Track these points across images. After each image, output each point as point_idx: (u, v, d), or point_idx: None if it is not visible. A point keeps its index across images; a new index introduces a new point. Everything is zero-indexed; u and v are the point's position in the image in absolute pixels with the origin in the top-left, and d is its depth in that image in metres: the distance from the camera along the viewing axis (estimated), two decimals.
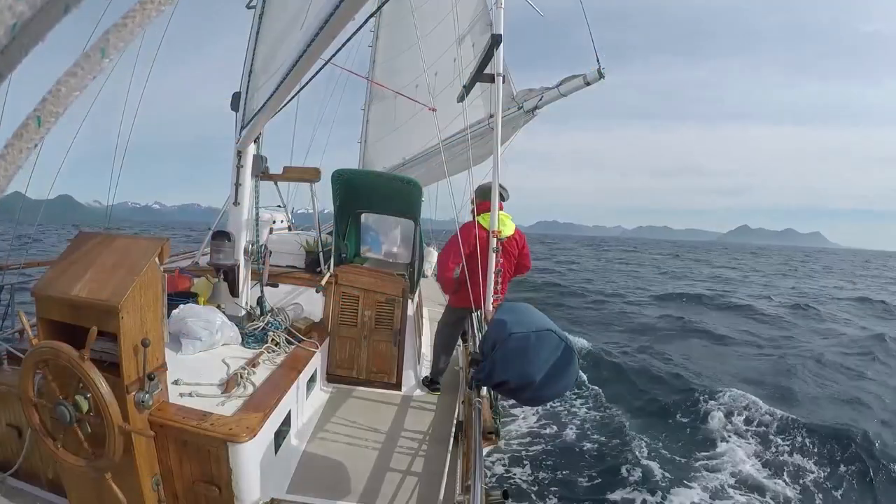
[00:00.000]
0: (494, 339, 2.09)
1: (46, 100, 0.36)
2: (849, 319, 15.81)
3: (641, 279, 26.80)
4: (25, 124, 0.36)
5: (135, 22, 0.38)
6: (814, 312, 16.67)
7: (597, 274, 28.91)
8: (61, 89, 0.36)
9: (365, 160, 9.33)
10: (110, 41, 0.37)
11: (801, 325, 14.37)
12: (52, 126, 0.37)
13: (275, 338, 3.06)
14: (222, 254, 3.39)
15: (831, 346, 11.55)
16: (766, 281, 29.81)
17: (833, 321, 15.30)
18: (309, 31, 1.52)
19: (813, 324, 14.69)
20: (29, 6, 0.32)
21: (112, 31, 0.37)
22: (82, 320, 1.78)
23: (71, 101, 0.37)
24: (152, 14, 0.39)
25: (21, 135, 0.36)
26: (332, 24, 1.34)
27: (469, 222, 3.44)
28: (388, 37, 8.55)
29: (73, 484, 2.06)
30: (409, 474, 2.59)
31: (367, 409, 3.28)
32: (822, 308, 17.62)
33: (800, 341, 12.06)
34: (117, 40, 0.37)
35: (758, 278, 31.55)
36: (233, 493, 2.05)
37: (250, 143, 3.33)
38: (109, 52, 0.37)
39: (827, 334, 13.19)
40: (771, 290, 23.31)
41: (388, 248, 4.87)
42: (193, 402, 2.20)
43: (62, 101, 0.37)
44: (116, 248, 1.91)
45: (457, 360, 4.10)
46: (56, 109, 0.37)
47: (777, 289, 24.57)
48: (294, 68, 1.78)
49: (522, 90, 5.26)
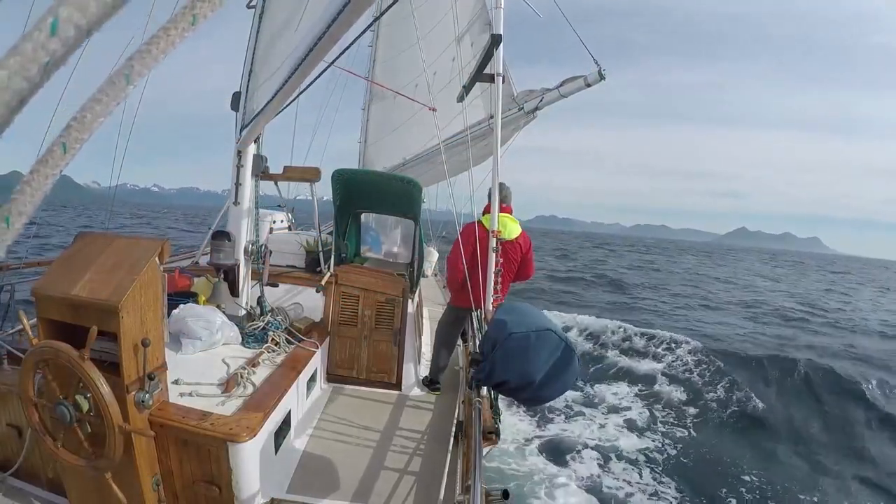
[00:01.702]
0: (494, 339, 2.09)
1: (71, 126, 0.36)
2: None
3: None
4: (51, 151, 0.36)
5: (159, 48, 0.38)
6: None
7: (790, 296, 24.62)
8: (86, 116, 0.37)
9: (365, 160, 9.33)
10: (135, 68, 0.37)
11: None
12: (76, 152, 0.37)
13: (275, 337, 3.06)
14: (222, 253, 3.38)
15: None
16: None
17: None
18: (312, 34, 1.52)
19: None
20: (62, 45, 0.33)
21: (136, 57, 0.38)
22: (82, 320, 1.78)
23: (96, 127, 0.37)
24: (176, 40, 0.39)
25: (46, 161, 0.36)
26: (335, 27, 1.35)
27: (470, 223, 3.44)
28: (388, 36, 8.55)
29: (73, 484, 2.06)
30: (409, 474, 2.59)
31: (367, 408, 3.28)
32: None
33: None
34: (142, 67, 0.37)
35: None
36: (233, 493, 2.05)
37: (251, 142, 3.32)
38: (134, 78, 0.37)
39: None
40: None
41: (388, 248, 4.87)
42: (193, 402, 2.20)
43: (87, 127, 0.37)
44: (116, 248, 1.91)
45: (457, 360, 4.10)
46: (81, 136, 0.37)
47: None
48: (296, 71, 1.78)
49: (523, 91, 5.26)
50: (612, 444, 6.85)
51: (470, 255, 3.15)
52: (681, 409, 8.39)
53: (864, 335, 15.32)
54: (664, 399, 8.72)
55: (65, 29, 0.33)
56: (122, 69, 0.37)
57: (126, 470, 1.87)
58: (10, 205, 0.35)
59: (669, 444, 7.00)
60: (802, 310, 19.53)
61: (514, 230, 3.44)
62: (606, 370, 10.06)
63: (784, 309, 19.29)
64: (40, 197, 0.36)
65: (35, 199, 0.36)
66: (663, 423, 7.79)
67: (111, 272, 1.82)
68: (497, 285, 3.17)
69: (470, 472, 1.79)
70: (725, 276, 34.94)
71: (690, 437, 7.36)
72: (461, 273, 3.28)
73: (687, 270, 36.94)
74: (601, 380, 9.53)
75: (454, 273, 3.43)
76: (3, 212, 0.35)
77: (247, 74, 3.21)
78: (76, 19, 0.33)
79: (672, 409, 8.34)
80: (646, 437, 7.17)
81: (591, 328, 12.39)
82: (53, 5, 0.33)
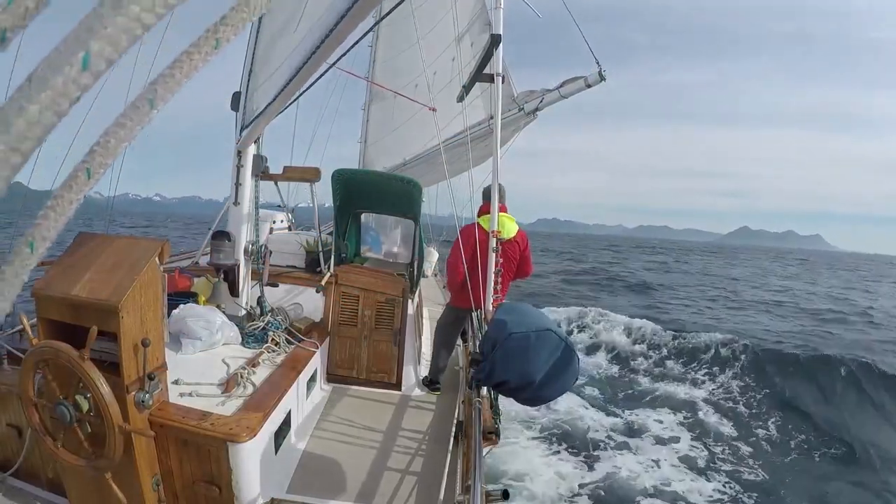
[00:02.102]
0: (494, 339, 2.09)
1: (95, 151, 0.37)
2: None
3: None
4: (75, 176, 0.36)
5: (182, 72, 0.38)
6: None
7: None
8: (110, 141, 0.37)
9: (365, 160, 9.33)
10: (158, 92, 0.37)
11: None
12: (100, 177, 0.37)
13: (275, 338, 3.06)
14: (222, 254, 3.38)
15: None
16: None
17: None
18: (314, 37, 1.52)
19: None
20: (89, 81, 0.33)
21: (159, 81, 0.38)
22: (82, 320, 1.78)
23: (120, 151, 0.37)
24: (199, 64, 0.39)
25: (70, 186, 0.36)
26: (340, 28, 1.34)
27: (469, 225, 3.45)
28: (388, 36, 8.56)
29: (73, 484, 2.06)
30: (409, 474, 2.59)
31: (367, 408, 3.28)
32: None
33: None
34: (165, 91, 0.38)
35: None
36: (233, 493, 2.05)
37: (251, 143, 3.33)
38: (157, 103, 0.38)
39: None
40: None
41: (388, 248, 4.88)
42: (193, 402, 2.20)
43: (111, 152, 0.37)
44: (116, 248, 1.91)
45: (457, 360, 4.10)
46: (105, 161, 0.37)
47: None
48: (298, 73, 1.78)
49: (523, 92, 5.27)
50: (674, 491, 5.66)
51: (470, 258, 3.15)
52: (740, 436, 7.17)
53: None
54: (716, 423, 7.49)
55: (96, 63, 0.33)
56: (146, 94, 0.37)
57: (126, 470, 1.87)
58: (33, 230, 0.35)
59: (742, 489, 5.84)
60: (836, 309, 18.58)
61: (512, 229, 3.45)
62: (645, 388, 9.02)
63: (816, 307, 18.56)
64: (63, 222, 0.36)
65: (58, 224, 0.36)
66: (726, 459, 6.55)
67: (111, 272, 1.82)
68: (497, 285, 3.17)
69: (470, 472, 1.80)
70: (742, 275, 34.05)
71: (762, 477, 6.13)
72: (461, 276, 3.28)
73: (700, 271, 36.21)
74: (641, 399, 8.43)
75: (454, 276, 3.44)
76: (28, 237, 0.35)
77: (247, 75, 3.21)
78: (108, 53, 0.33)
79: (732, 437, 7.14)
80: (712, 478, 6.03)
81: (627, 333, 11.72)
82: (84, 38, 0.33)
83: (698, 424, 7.51)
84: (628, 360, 10.67)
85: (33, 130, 0.32)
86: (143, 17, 0.33)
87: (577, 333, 12.11)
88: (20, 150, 0.32)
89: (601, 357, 10.88)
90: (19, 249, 0.35)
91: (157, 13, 0.34)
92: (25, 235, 0.35)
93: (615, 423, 7.41)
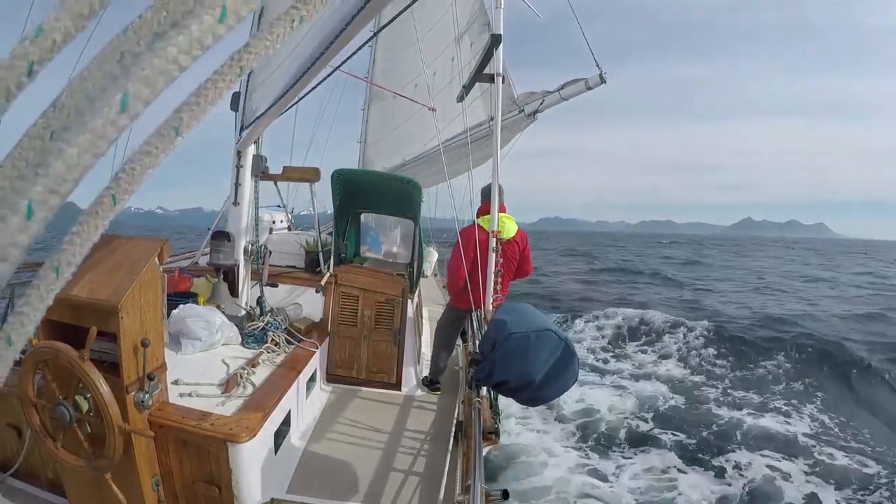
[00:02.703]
0: (494, 339, 2.10)
1: (121, 178, 0.37)
2: None
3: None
4: (100, 202, 0.36)
5: (207, 100, 0.38)
6: None
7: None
8: (136, 168, 0.37)
9: (365, 160, 9.33)
10: (184, 120, 0.37)
11: None
12: (125, 203, 0.38)
13: (274, 338, 3.06)
14: (222, 254, 3.38)
15: None
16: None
17: None
18: (316, 43, 1.52)
19: None
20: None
21: (185, 109, 0.38)
22: (82, 320, 1.78)
23: (145, 179, 0.38)
24: (223, 91, 0.39)
25: (96, 213, 0.36)
26: (341, 38, 1.35)
27: (469, 226, 3.45)
28: (388, 36, 8.55)
29: (72, 484, 2.06)
30: (409, 474, 2.59)
31: (366, 408, 3.28)
32: None
33: None
34: (190, 119, 0.38)
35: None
36: (233, 494, 2.05)
37: (250, 143, 3.33)
38: (183, 130, 0.38)
39: None
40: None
41: (388, 248, 4.87)
42: (193, 402, 2.20)
43: (136, 179, 0.37)
44: (116, 248, 1.91)
45: (457, 360, 4.10)
46: (130, 188, 0.37)
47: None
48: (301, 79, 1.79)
49: (523, 93, 5.27)
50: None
51: (471, 261, 3.16)
52: None
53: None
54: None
55: (134, 105, 0.33)
56: (171, 121, 0.37)
57: (126, 470, 1.87)
58: (59, 255, 0.36)
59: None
60: (877, 295, 17.87)
61: (512, 229, 3.45)
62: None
63: (857, 295, 17.90)
64: (88, 247, 0.36)
65: (83, 250, 0.36)
66: None
67: (111, 272, 1.82)
68: (497, 285, 3.17)
69: (470, 472, 1.80)
70: (760, 267, 32.58)
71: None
72: (462, 279, 3.29)
73: (723, 265, 34.64)
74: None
75: (455, 279, 3.44)
76: (54, 262, 0.36)
77: (246, 74, 3.21)
78: (145, 95, 0.33)
79: None
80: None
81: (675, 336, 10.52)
82: (122, 80, 0.33)
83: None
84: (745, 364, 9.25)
85: (72, 173, 0.32)
86: (181, 59, 0.34)
87: (658, 344, 10.50)
88: (59, 192, 0.32)
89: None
90: (45, 274, 0.35)
91: (194, 55, 0.34)
92: (51, 260, 0.36)
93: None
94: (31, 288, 0.35)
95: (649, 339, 10.95)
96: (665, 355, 10.02)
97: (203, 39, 0.34)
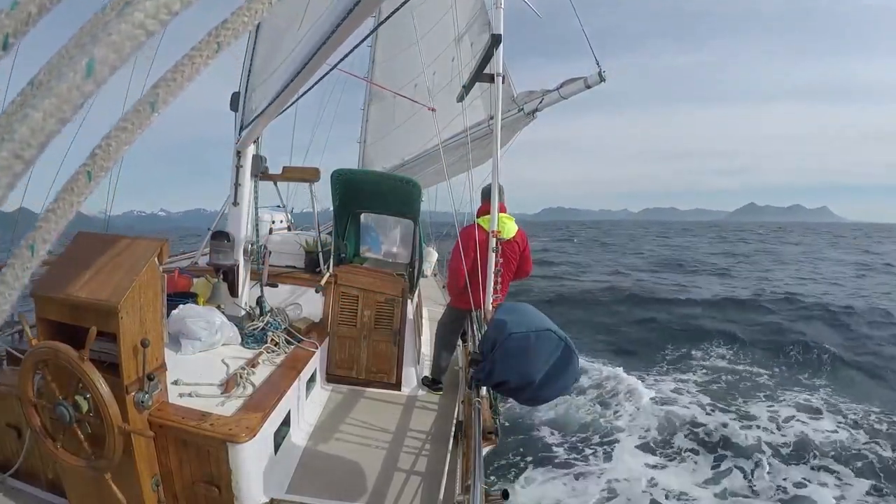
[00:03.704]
0: (494, 339, 2.09)
1: (97, 154, 0.37)
2: None
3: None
4: (76, 179, 0.36)
5: (184, 76, 0.38)
6: None
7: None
8: (111, 144, 0.37)
9: (364, 160, 9.33)
10: (160, 96, 0.37)
11: None
12: (101, 180, 0.37)
13: (274, 338, 3.06)
14: (222, 254, 3.38)
15: None
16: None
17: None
18: (313, 40, 1.52)
19: None
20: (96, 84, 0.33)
21: (162, 85, 0.38)
22: (82, 320, 1.78)
23: (121, 155, 0.37)
24: (201, 68, 0.39)
25: (72, 189, 0.36)
26: (339, 32, 1.35)
27: (469, 226, 3.45)
28: (388, 36, 8.56)
29: (72, 484, 2.06)
30: (409, 474, 2.59)
31: (366, 408, 3.28)
32: None
33: None
34: (167, 94, 0.38)
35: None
36: (232, 494, 2.05)
37: (250, 143, 3.33)
38: (159, 106, 0.38)
39: None
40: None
41: (388, 248, 4.87)
42: (193, 403, 2.20)
43: (112, 155, 0.37)
44: (116, 249, 1.91)
45: (457, 360, 4.10)
46: (106, 164, 0.37)
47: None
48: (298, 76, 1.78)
49: (523, 92, 5.27)
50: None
51: (471, 261, 3.16)
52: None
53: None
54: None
55: (100, 70, 0.33)
56: (147, 97, 0.37)
57: (126, 470, 1.87)
58: (34, 233, 0.35)
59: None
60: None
61: (512, 229, 3.45)
62: None
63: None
64: (64, 224, 0.36)
65: (59, 227, 0.36)
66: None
67: (110, 272, 1.82)
68: (497, 285, 3.17)
69: (470, 472, 1.80)
70: (793, 253, 31.04)
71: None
72: (462, 279, 3.29)
73: (756, 252, 32.87)
74: None
75: (455, 279, 3.44)
76: (28, 240, 0.35)
77: (246, 74, 3.21)
78: (111, 60, 0.33)
79: None
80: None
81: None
82: (88, 46, 0.33)
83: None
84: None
85: (37, 137, 0.32)
86: (147, 24, 0.34)
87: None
88: (23, 157, 0.32)
89: None
90: (20, 252, 0.35)
91: (161, 19, 0.34)
92: (27, 238, 0.35)
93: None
94: (7, 266, 0.35)
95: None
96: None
97: (170, 4, 0.34)
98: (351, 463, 2.64)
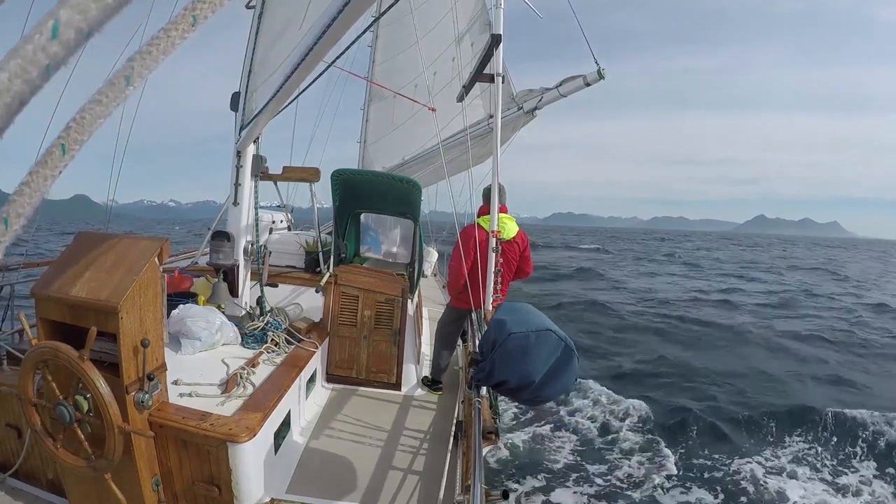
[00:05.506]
0: (494, 339, 2.09)
1: (71, 127, 0.37)
2: None
3: None
4: (50, 152, 0.36)
5: (159, 49, 0.38)
6: None
7: None
8: (86, 117, 0.37)
9: (364, 160, 9.32)
10: (135, 69, 0.37)
11: None
12: (76, 153, 0.37)
13: (274, 338, 3.06)
14: (222, 254, 3.39)
15: None
16: None
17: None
18: (311, 35, 1.52)
19: None
20: (63, 47, 0.33)
21: (137, 58, 0.38)
22: (82, 320, 1.78)
23: (95, 128, 0.37)
24: (176, 41, 0.39)
25: (46, 162, 0.36)
26: (334, 28, 1.34)
27: (469, 226, 3.45)
28: (388, 36, 8.56)
29: (72, 484, 2.06)
30: (409, 474, 2.59)
31: (366, 408, 3.28)
32: None
33: None
34: (142, 68, 0.37)
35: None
36: (233, 494, 2.05)
37: (250, 143, 3.33)
38: (134, 79, 0.37)
39: None
40: None
41: (388, 248, 4.87)
42: (193, 403, 2.20)
43: (86, 128, 0.37)
44: (116, 248, 1.91)
45: (457, 360, 4.10)
46: (80, 137, 0.37)
47: None
48: (295, 72, 1.78)
49: (522, 91, 5.27)
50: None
51: (471, 261, 3.16)
52: None
53: None
54: None
55: (65, 32, 0.33)
56: (123, 71, 0.37)
57: (126, 470, 1.87)
58: (8, 206, 0.35)
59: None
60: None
61: (512, 230, 3.45)
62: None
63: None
64: (39, 198, 0.36)
65: (34, 201, 0.36)
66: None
67: (110, 272, 1.82)
68: (497, 285, 3.17)
69: (470, 472, 1.80)
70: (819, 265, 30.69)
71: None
72: (462, 279, 3.29)
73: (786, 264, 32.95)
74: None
75: (456, 280, 3.45)
76: (2, 213, 0.35)
77: (246, 74, 3.21)
78: (77, 22, 0.33)
79: None
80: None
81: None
82: (54, 8, 0.33)
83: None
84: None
85: (2, 98, 0.31)
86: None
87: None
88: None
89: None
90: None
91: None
92: (0, 212, 0.35)
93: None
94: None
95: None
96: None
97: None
98: (351, 463, 2.64)
